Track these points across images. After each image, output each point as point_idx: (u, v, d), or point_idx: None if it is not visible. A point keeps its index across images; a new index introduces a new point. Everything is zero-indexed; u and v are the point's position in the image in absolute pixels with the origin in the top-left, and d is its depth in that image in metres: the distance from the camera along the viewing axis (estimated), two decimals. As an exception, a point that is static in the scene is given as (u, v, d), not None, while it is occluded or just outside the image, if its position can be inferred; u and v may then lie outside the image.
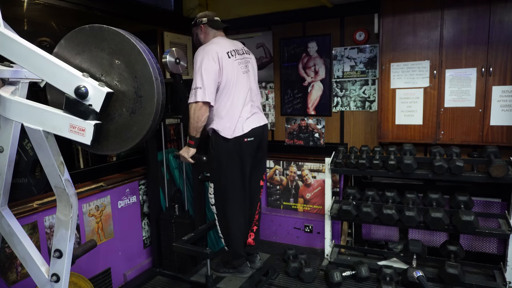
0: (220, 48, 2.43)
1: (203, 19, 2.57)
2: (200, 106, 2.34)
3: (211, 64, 2.35)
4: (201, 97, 2.32)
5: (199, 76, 2.33)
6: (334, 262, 3.06)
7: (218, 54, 2.38)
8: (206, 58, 2.35)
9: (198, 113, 2.35)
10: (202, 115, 2.36)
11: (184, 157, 2.50)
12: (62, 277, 1.32)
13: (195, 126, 2.39)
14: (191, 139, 2.45)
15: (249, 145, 2.51)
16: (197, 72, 2.34)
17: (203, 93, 2.33)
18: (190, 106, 2.36)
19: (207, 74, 2.33)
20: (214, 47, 2.41)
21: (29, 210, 2.22)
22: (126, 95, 1.21)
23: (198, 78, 2.33)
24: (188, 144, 2.48)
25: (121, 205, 2.91)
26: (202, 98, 2.33)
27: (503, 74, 2.73)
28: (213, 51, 2.38)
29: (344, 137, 3.56)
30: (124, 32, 1.21)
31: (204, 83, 2.32)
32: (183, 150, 2.51)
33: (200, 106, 2.34)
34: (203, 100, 2.33)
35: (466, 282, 2.60)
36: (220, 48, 2.43)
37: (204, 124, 2.41)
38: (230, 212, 2.57)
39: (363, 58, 3.36)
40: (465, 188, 2.92)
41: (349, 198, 3.11)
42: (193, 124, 2.38)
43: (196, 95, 2.33)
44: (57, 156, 1.25)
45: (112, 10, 2.87)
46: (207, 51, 2.39)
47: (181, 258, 2.98)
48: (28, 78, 1.39)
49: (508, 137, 2.76)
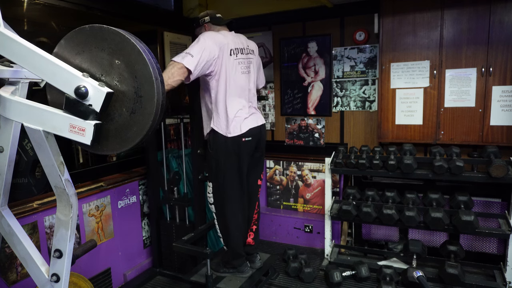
0: (226, 41, 2.41)
1: (205, 18, 2.56)
2: (181, 67, 2.19)
3: (213, 47, 2.31)
4: (188, 63, 2.20)
5: (197, 47, 2.25)
6: (334, 262, 3.06)
7: (222, 46, 2.37)
8: (210, 39, 2.32)
9: (175, 72, 2.19)
10: (177, 76, 2.20)
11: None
12: (62, 277, 1.32)
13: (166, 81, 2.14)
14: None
15: (247, 145, 2.52)
16: (196, 43, 2.27)
17: (192, 61, 2.21)
18: (172, 62, 2.22)
19: (204, 50, 2.27)
20: (221, 38, 2.40)
21: (29, 210, 2.22)
22: (126, 95, 1.21)
23: (195, 47, 2.25)
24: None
25: (121, 205, 2.91)
26: (188, 64, 2.20)
27: (503, 74, 2.73)
28: (219, 40, 2.36)
29: (344, 137, 3.56)
30: (124, 32, 1.20)
31: (197, 55, 2.23)
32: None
33: (181, 67, 2.19)
34: (187, 65, 2.20)
35: (466, 282, 2.60)
36: (226, 41, 2.41)
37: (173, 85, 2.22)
38: (228, 211, 2.57)
39: (363, 58, 3.36)
40: (465, 188, 2.92)
41: (349, 198, 3.11)
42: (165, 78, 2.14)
43: (184, 58, 2.20)
44: (57, 156, 1.25)
45: (112, 10, 2.87)
46: (214, 36, 2.37)
47: (181, 258, 2.98)
48: (28, 78, 1.39)
49: (508, 137, 2.76)
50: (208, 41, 2.31)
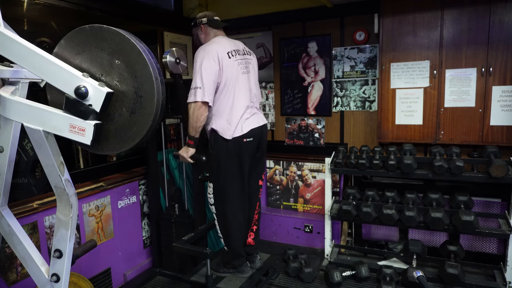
0: (220, 48, 2.43)
1: (202, 19, 2.57)
2: (199, 105, 2.35)
3: (211, 64, 2.35)
4: (201, 97, 2.33)
5: (199, 76, 2.34)
6: (334, 262, 3.06)
7: (219, 54, 2.38)
8: (206, 58, 2.35)
9: (197, 113, 2.36)
10: (201, 115, 2.37)
11: (184, 157, 2.51)
12: (62, 277, 1.32)
13: (194, 126, 2.39)
14: (190, 139, 2.45)
15: (248, 145, 2.52)
16: (197, 72, 2.35)
17: (202, 93, 2.33)
18: (189, 105, 2.37)
19: (206, 74, 2.34)
20: (215, 47, 2.41)
21: (29, 210, 2.22)
22: (126, 95, 1.21)
23: (198, 78, 2.34)
24: (188, 144, 2.48)
25: (121, 205, 2.91)
26: (202, 98, 2.33)
27: (503, 74, 2.73)
28: (214, 51, 2.38)
29: (344, 137, 3.56)
30: (124, 32, 1.21)
31: (203, 83, 2.33)
32: (183, 150, 2.52)
33: (199, 105, 2.35)
34: (202, 100, 2.34)
35: (466, 282, 2.60)
36: (220, 48, 2.43)
37: (203, 124, 2.41)
38: (229, 211, 2.57)
39: (363, 58, 3.36)
40: (465, 188, 2.92)
41: (349, 198, 3.11)
42: (192, 124, 2.39)
43: (196, 95, 2.34)
44: (57, 156, 1.25)
45: (112, 10, 2.87)
46: (208, 51, 2.39)
47: (181, 258, 2.98)
48: (28, 78, 1.39)
49: (508, 137, 2.76)
50: (206, 62, 2.34)
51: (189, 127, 2.42)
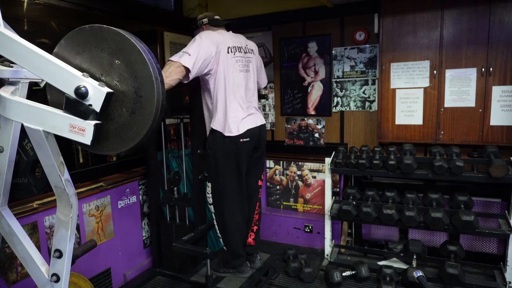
0: (222, 38, 2.41)
1: (203, 20, 2.56)
2: (178, 65, 2.19)
3: (209, 45, 2.32)
4: (185, 62, 2.19)
5: (193, 46, 2.25)
6: (334, 262, 3.06)
7: (219, 43, 2.37)
8: (207, 39, 2.32)
9: (172, 71, 2.18)
10: (175, 75, 2.19)
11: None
12: (62, 277, 1.32)
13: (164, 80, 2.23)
14: None
15: (245, 145, 2.50)
16: (193, 43, 2.27)
17: (189, 60, 2.20)
18: (169, 62, 2.21)
19: (201, 49, 2.26)
20: (217, 36, 2.40)
21: (29, 210, 2.22)
22: (126, 95, 1.21)
23: (192, 47, 2.25)
24: None
25: (121, 205, 2.91)
26: (185, 63, 2.19)
27: (503, 74, 2.73)
28: (215, 38, 2.37)
29: (344, 137, 3.56)
30: (124, 32, 1.20)
31: (194, 54, 2.23)
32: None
33: (178, 65, 2.19)
34: (185, 64, 2.19)
35: (466, 282, 2.60)
36: (222, 38, 2.41)
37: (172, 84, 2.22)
38: (227, 212, 2.57)
39: (363, 58, 3.36)
40: (465, 188, 2.92)
41: (349, 198, 3.11)
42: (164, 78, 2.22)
43: (182, 57, 2.20)
44: (57, 156, 1.25)
45: (112, 10, 2.87)
46: (211, 34, 2.38)
47: (181, 258, 2.98)
48: (28, 78, 1.39)
49: (508, 137, 2.76)
50: (205, 40, 2.31)
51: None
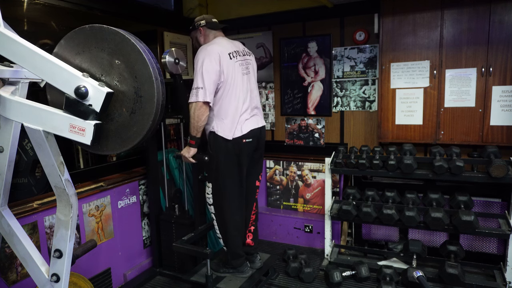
0: (221, 48, 2.43)
1: (201, 22, 2.57)
2: (200, 105, 2.36)
3: (212, 64, 2.36)
4: (202, 97, 2.34)
5: (200, 76, 2.35)
6: (334, 262, 3.06)
7: (220, 54, 2.39)
8: (207, 58, 2.36)
9: (198, 113, 2.36)
10: (202, 115, 2.38)
11: (186, 157, 2.51)
12: (62, 277, 1.32)
13: (196, 125, 2.40)
14: (192, 139, 2.46)
15: (248, 146, 2.53)
16: (198, 72, 2.35)
17: (204, 93, 2.34)
18: (191, 105, 2.38)
19: (207, 74, 2.34)
20: (216, 48, 2.42)
21: (29, 210, 2.22)
22: (126, 95, 1.21)
23: (199, 78, 2.35)
24: (189, 144, 2.49)
25: (121, 205, 2.91)
26: (203, 98, 2.35)
27: (503, 74, 2.73)
28: (215, 52, 2.38)
29: (344, 137, 3.56)
30: (124, 32, 1.21)
31: (205, 84, 2.34)
32: (184, 150, 2.52)
33: (200, 105, 2.36)
34: (203, 100, 2.35)
35: (466, 282, 2.60)
36: (221, 48, 2.43)
37: (204, 124, 2.42)
38: (227, 212, 2.57)
39: (363, 58, 3.36)
40: (465, 188, 2.92)
41: (349, 198, 3.11)
42: (194, 123, 2.39)
43: (197, 95, 2.35)
44: (57, 156, 1.25)
45: (112, 10, 2.87)
46: (209, 51, 2.39)
47: (181, 258, 2.98)
48: (28, 78, 1.39)
49: (508, 137, 2.76)
50: (207, 63, 2.35)
51: (191, 127, 2.43)
